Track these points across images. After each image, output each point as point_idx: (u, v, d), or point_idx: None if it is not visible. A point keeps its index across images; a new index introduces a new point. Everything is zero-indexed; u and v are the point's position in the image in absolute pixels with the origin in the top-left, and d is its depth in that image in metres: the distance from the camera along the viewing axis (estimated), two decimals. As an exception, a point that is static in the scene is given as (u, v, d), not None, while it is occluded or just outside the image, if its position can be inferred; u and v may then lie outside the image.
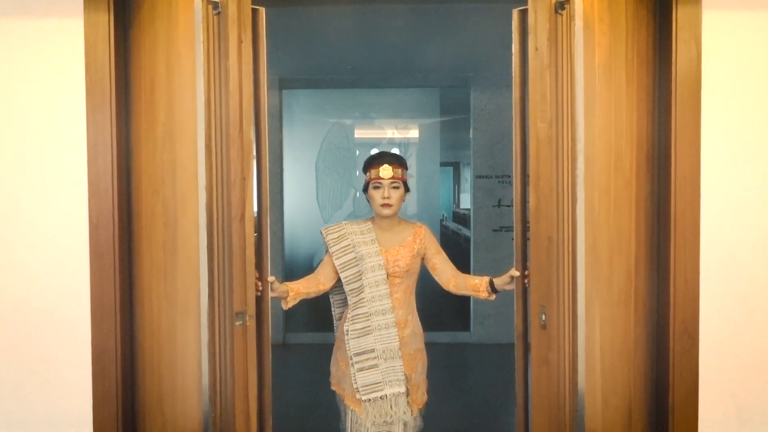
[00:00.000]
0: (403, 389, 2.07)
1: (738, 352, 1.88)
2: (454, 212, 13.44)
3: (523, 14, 1.88)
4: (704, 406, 1.87)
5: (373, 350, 2.07)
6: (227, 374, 1.87)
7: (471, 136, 5.13)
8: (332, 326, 2.31)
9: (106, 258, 1.82)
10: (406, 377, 2.10)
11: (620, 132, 1.88)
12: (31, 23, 1.83)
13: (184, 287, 1.89)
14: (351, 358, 2.07)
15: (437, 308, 5.49)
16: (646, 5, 1.88)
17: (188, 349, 1.90)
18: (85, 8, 1.80)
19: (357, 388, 2.06)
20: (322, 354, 2.39)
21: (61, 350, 1.86)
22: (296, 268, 5.32)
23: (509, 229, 5.11)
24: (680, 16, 1.80)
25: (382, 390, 2.06)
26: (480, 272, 5.05)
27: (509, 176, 5.08)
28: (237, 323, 1.84)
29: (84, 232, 1.84)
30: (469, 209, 5.77)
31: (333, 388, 2.20)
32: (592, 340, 1.90)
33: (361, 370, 2.06)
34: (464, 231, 7.73)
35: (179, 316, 1.90)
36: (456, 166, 15.14)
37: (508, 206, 5.09)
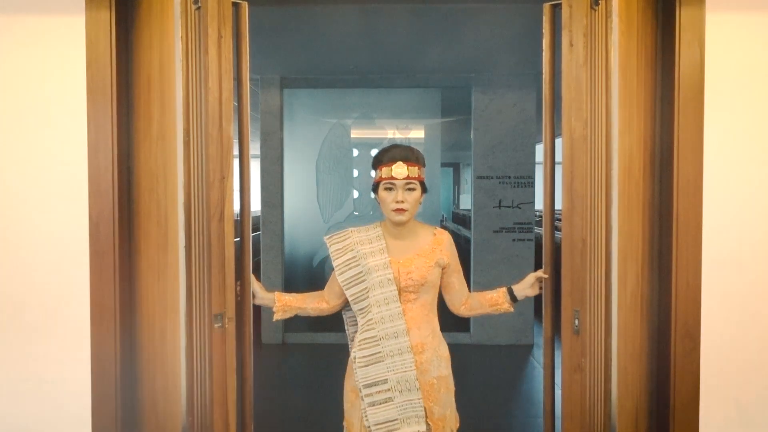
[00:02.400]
0: (423, 428, 1.77)
1: (739, 355, 1.87)
2: (453, 213, 13.47)
3: (555, 9, 1.83)
4: (705, 409, 1.86)
5: (386, 381, 1.77)
6: (206, 378, 1.82)
7: (472, 136, 5.13)
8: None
9: (106, 257, 1.81)
10: (426, 411, 1.80)
11: (632, 133, 1.87)
12: (33, 21, 1.82)
13: (173, 288, 1.87)
14: (360, 390, 1.79)
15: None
16: (652, 6, 1.87)
17: (175, 350, 1.88)
18: (86, 6, 1.79)
19: (369, 426, 1.78)
20: (322, 354, 2.38)
21: (60, 350, 1.86)
22: (296, 268, 5.31)
23: (509, 230, 5.11)
24: (684, 17, 1.79)
25: (399, 429, 1.77)
26: (481, 272, 5.10)
27: (510, 177, 5.08)
28: (216, 325, 1.80)
29: (84, 231, 1.83)
30: (468, 210, 5.77)
31: (344, 423, 1.90)
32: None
33: (372, 404, 1.77)
34: (464, 232, 7.73)
35: (169, 317, 1.89)
36: (456, 167, 15.17)
37: (509, 207, 5.09)
